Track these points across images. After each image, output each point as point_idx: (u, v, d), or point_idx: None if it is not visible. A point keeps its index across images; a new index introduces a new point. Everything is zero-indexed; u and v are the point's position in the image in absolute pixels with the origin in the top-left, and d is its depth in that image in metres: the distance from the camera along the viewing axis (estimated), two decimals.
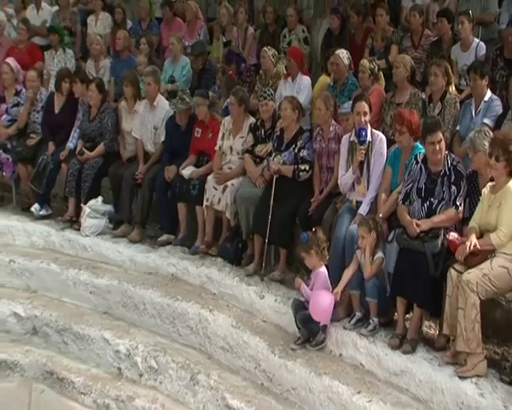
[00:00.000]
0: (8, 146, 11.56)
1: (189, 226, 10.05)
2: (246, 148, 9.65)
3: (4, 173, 11.61)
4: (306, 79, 10.38)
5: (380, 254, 7.69)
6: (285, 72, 10.52)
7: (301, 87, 10.21)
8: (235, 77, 10.95)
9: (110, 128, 10.92)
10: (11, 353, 9.43)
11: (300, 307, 7.95)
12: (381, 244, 7.76)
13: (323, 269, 7.89)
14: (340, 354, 7.84)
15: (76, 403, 8.79)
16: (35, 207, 11.18)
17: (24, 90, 11.79)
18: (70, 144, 11.14)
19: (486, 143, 7.24)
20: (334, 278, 7.89)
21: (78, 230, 10.69)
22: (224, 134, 9.85)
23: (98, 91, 10.94)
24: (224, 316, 8.80)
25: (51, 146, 11.20)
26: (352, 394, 7.25)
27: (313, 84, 10.37)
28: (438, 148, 7.46)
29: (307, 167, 8.96)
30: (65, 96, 11.36)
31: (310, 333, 7.93)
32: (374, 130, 8.44)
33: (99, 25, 13.29)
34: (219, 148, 9.83)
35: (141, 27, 13.02)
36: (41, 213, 11.17)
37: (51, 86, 11.79)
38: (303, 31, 11.78)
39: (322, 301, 7.75)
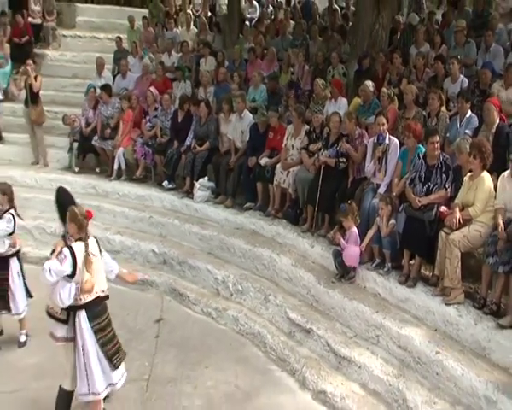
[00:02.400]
0: (150, 143, 11.52)
1: (264, 198, 9.88)
2: (303, 146, 9.41)
3: (147, 161, 11.58)
4: (344, 100, 10.09)
5: (392, 221, 7.47)
6: (330, 95, 10.21)
7: (341, 106, 9.90)
8: (295, 98, 10.69)
9: (213, 131, 10.76)
10: (152, 275, 9.47)
11: (338, 254, 7.83)
12: (394, 213, 7.53)
13: (355, 229, 7.71)
14: (365, 286, 7.71)
15: (190, 310, 8.82)
16: (165, 183, 11.14)
17: (160, 107, 11.74)
18: (187, 142, 11.02)
19: (467, 147, 7.06)
20: (362, 235, 7.70)
21: (192, 198, 10.61)
22: (288, 136, 9.61)
23: (206, 107, 10.83)
24: (286, 258, 8.68)
25: (176, 143, 11.13)
26: (372, 313, 7.18)
27: (349, 104, 10.06)
28: (436, 146, 7.30)
29: (345, 160, 8.69)
30: (184, 111, 11.26)
31: (344, 271, 7.83)
32: (390, 136, 8.18)
33: (207, 64, 13.15)
34: (285, 145, 9.60)
35: (234, 65, 12.83)
36: (169, 186, 11.11)
37: (176, 105, 11.69)
38: (342, 68, 11.46)
39: (352, 253, 7.65)
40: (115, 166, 11.75)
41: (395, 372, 6.56)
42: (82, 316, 5.74)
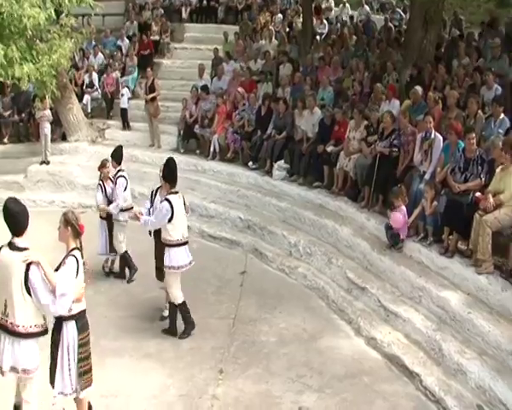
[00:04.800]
0: (238, 131, 11.43)
1: (329, 178, 9.59)
2: (362, 137, 9.06)
3: (236, 145, 11.47)
4: (397, 102, 9.59)
5: (435, 202, 7.15)
6: (385, 97, 9.76)
7: (394, 106, 9.43)
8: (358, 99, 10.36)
9: (289, 123, 10.52)
10: (238, 237, 9.53)
11: (389, 228, 7.56)
12: (437, 196, 7.20)
13: (404, 208, 7.41)
14: (411, 255, 7.41)
15: (268, 266, 8.79)
16: (250, 163, 11.04)
17: (247, 103, 11.64)
18: (268, 131, 10.83)
19: (500, 143, 6.67)
20: (410, 213, 7.39)
21: (271, 176, 10.45)
22: (350, 129, 9.28)
23: (284, 104, 10.63)
24: (347, 228, 8.45)
25: (259, 132, 10.97)
26: (416, 277, 6.96)
27: (400, 105, 9.48)
28: (472, 141, 6.95)
29: (397, 150, 8.35)
30: (266, 107, 11.10)
31: (394, 242, 7.54)
32: (435, 132, 7.78)
33: (285, 69, 12.84)
34: (347, 137, 9.27)
35: (307, 71, 12.48)
36: (253, 166, 10.99)
37: (260, 102, 11.57)
38: (395, 75, 10.96)
39: (398, 219, 7.33)
40: (211, 149, 11.76)
41: (433, 327, 6.37)
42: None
